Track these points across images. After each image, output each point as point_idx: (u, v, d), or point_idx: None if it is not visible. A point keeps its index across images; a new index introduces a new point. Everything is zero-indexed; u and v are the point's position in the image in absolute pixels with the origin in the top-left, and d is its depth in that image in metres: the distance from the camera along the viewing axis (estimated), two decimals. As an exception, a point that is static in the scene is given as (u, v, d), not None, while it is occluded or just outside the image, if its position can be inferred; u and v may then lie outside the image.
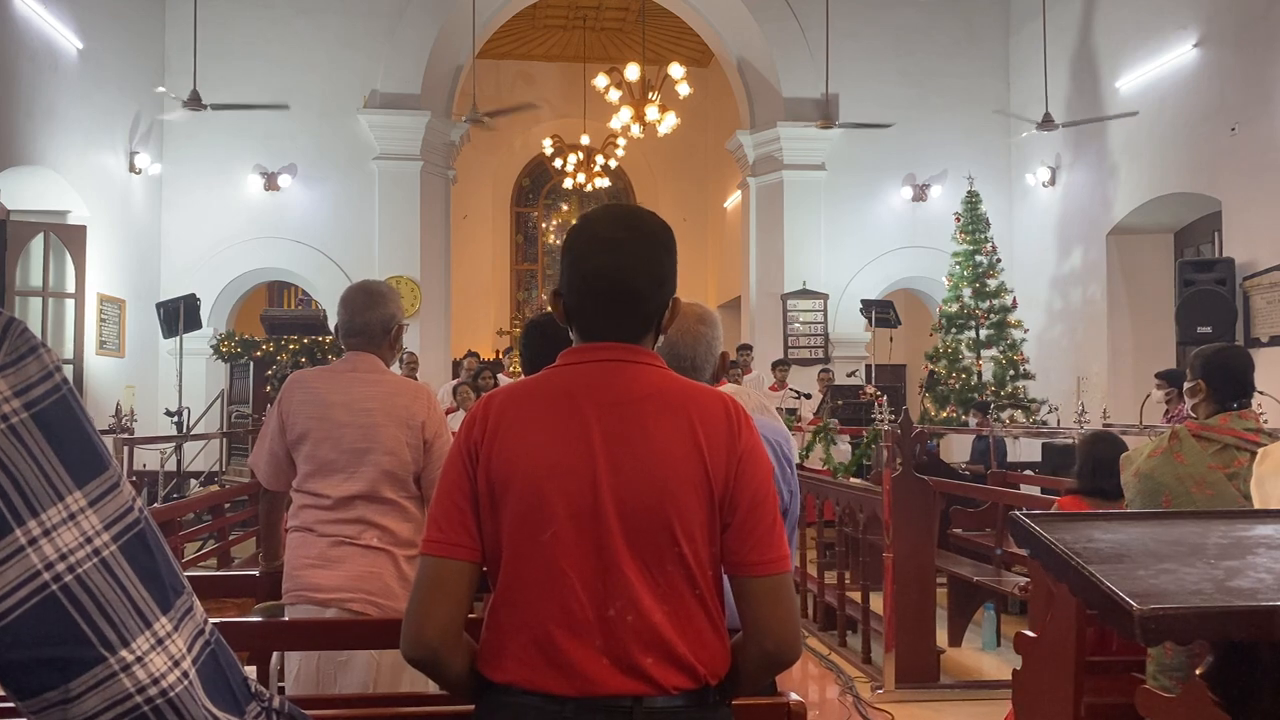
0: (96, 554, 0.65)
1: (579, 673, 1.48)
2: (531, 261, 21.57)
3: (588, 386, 1.57)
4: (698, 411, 1.56)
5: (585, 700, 1.48)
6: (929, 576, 5.57)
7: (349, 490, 2.85)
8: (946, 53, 13.90)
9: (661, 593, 1.50)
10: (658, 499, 1.50)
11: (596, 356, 1.60)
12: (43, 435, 0.64)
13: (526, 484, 1.51)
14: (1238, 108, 9.64)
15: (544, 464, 1.52)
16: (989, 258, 12.23)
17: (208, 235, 12.89)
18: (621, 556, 1.49)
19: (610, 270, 1.59)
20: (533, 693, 1.49)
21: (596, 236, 1.62)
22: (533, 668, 1.50)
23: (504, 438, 1.54)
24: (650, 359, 1.62)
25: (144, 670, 0.64)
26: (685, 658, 1.50)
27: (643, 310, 1.61)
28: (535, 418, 1.55)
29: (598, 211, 1.68)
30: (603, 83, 12.44)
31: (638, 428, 1.53)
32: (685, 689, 1.51)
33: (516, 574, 1.53)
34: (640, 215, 1.67)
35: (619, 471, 1.51)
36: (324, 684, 2.78)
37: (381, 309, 3.00)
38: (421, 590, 1.53)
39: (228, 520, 7.44)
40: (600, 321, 1.61)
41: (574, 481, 1.51)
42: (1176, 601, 1.46)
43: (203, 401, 11.93)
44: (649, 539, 1.50)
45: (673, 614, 1.50)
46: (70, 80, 10.67)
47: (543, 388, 1.60)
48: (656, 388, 1.58)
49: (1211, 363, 3.14)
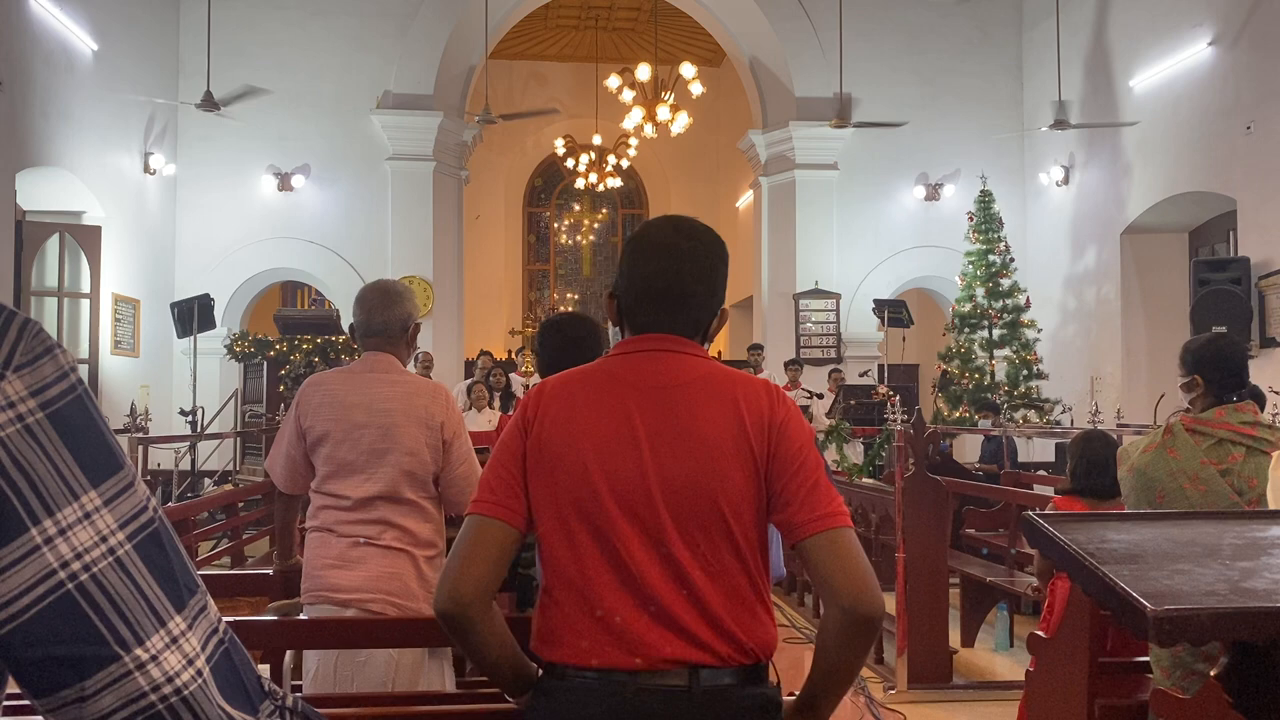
0: (111, 553, 0.65)
1: (640, 643, 1.52)
2: (544, 261, 21.58)
3: (632, 371, 1.63)
4: (741, 392, 1.61)
5: (645, 675, 1.51)
6: (941, 577, 5.55)
7: (369, 491, 2.84)
8: (959, 52, 13.86)
9: (711, 570, 1.54)
10: (704, 478, 1.55)
11: (645, 346, 1.67)
12: (58, 435, 0.65)
13: (574, 465, 1.57)
14: (1253, 106, 9.59)
15: (590, 446, 1.57)
16: (1002, 257, 12.19)
17: (222, 235, 12.94)
18: (669, 534, 1.54)
19: (666, 274, 1.67)
20: (592, 671, 1.53)
21: (655, 242, 1.71)
22: (592, 641, 1.53)
23: (553, 417, 1.61)
24: (697, 350, 1.68)
25: (158, 669, 0.65)
26: (736, 634, 1.54)
27: (693, 313, 1.68)
28: (581, 400, 1.62)
29: (658, 220, 1.77)
30: (615, 84, 12.44)
31: (684, 410, 1.58)
32: (739, 663, 1.54)
33: (569, 553, 1.57)
34: (697, 226, 1.76)
35: (662, 453, 1.56)
36: (342, 684, 2.77)
37: (399, 308, 2.99)
38: (463, 546, 1.57)
39: (241, 519, 7.47)
40: (652, 320, 1.68)
41: (620, 463, 1.56)
42: (1191, 602, 1.46)
43: (217, 401, 11.98)
44: (696, 517, 1.55)
45: (722, 590, 1.54)
46: (85, 82, 10.72)
47: (591, 374, 1.67)
48: (701, 373, 1.63)
49: (1204, 355, 3.05)
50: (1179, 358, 3.12)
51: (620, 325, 1.73)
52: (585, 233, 21.20)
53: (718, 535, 1.55)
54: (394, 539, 2.84)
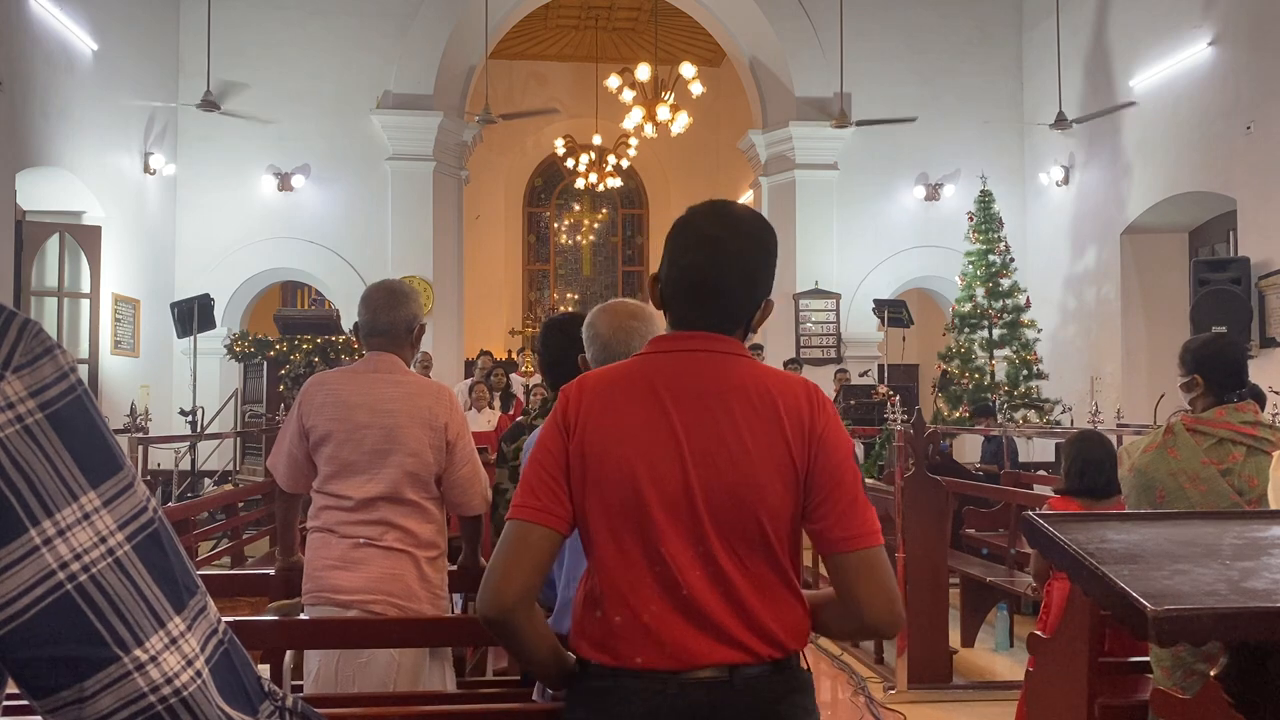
0: (110, 554, 0.65)
1: (683, 649, 1.54)
2: (544, 261, 21.58)
3: (671, 377, 1.61)
4: (783, 400, 1.60)
5: (688, 674, 1.54)
6: (941, 577, 5.55)
7: (371, 491, 2.84)
8: (959, 51, 13.85)
9: (749, 574, 1.56)
10: (745, 490, 1.55)
11: (681, 346, 1.65)
12: (57, 436, 0.65)
13: (620, 472, 1.56)
14: (1253, 106, 9.58)
15: (637, 455, 1.57)
16: (1002, 257, 12.18)
17: (222, 235, 12.94)
18: (712, 542, 1.55)
19: (704, 266, 1.64)
20: (635, 673, 1.55)
21: (696, 232, 1.67)
22: (636, 645, 1.55)
23: (596, 423, 1.59)
24: (736, 349, 1.66)
25: (158, 669, 0.65)
26: (776, 634, 1.56)
27: (731, 308, 1.66)
28: (625, 407, 1.60)
29: (703, 206, 1.72)
30: (615, 84, 12.44)
31: (725, 420, 1.58)
32: (775, 659, 1.57)
33: (617, 558, 1.57)
34: (743, 215, 1.70)
35: (704, 464, 1.56)
36: (343, 684, 2.77)
37: (405, 308, 2.98)
38: (506, 552, 1.57)
39: (241, 519, 7.47)
40: (690, 314, 1.66)
41: (666, 471, 1.56)
42: (1191, 602, 1.46)
43: (217, 401, 11.98)
44: (737, 526, 1.56)
45: (760, 592, 1.56)
46: (85, 82, 10.72)
47: (630, 376, 1.65)
48: (742, 379, 1.61)
49: (1203, 355, 3.05)
50: (1179, 357, 3.12)
51: (663, 309, 1.73)
52: (585, 233, 21.20)
53: (756, 542, 1.57)
54: (396, 540, 2.84)
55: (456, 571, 3.17)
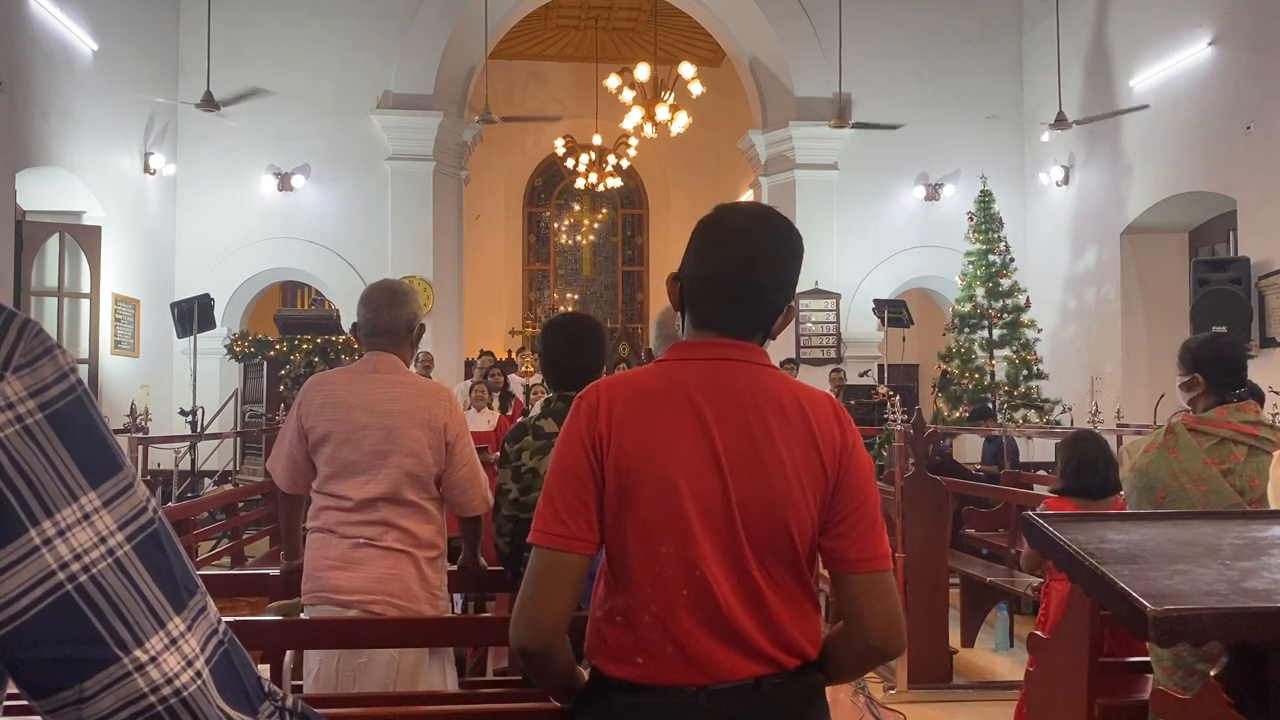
0: (110, 554, 0.65)
1: (713, 665, 1.52)
2: (544, 261, 21.58)
3: (708, 389, 1.57)
4: (813, 414, 1.59)
5: (715, 685, 1.53)
6: (941, 577, 5.55)
7: (370, 492, 2.83)
8: (959, 52, 13.85)
9: (778, 586, 1.56)
10: (778, 502, 1.54)
11: (709, 354, 1.61)
12: (57, 436, 0.65)
13: (662, 487, 1.53)
14: (1253, 106, 9.58)
15: (677, 468, 1.53)
16: (1002, 257, 12.18)
17: (222, 235, 12.94)
18: (746, 556, 1.54)
19: (737, 263, 1.60)
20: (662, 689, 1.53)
21: (729, 228, 1.63)
22: (665, 662, 1.53)
23: (631, 435, 1.55)
24: (761, 358, 1.63)
25: (158, 670, 0.65)
26: (800, 644, 1.57)
27: (760, 308, 1.62)
28: (658, 418, 1.56)
29: (732, 205, 1.70)
30: (615, 84, 12.43)
31: (760, 433, 1.55)
32: (798, 666, 1.58)
33: (650, 574, 1.54)
34: (774, 215, 1.68)
35: (741, 475, 1.54)
36: (343, 684, 2.77)
37: (405, 308, 2.98)
38: (540, 581, 1.54)
39: (241, 519, 7.47)
40: (716, 313, 1.62)
41: (707, 485, 1.53)
42: (1191, 602, 1.46)
43: (217, 401, 11.98)
44: (768, 539, 1.55)
45: (786, 604, 1.56)
46: (85, 81, 10.72)
47: (663, 385, 1.60)
48: (776, 391, 1.59)
49: (1203, 355, 3.05)
50: (1178, 357, 3.11)
51: (681, 310, 1.67)
52: (585, 233, 21.20)
53: (785, 554, 1.56)
54: (395, 540, 2.84)
55: (456, 571, 3.17)
